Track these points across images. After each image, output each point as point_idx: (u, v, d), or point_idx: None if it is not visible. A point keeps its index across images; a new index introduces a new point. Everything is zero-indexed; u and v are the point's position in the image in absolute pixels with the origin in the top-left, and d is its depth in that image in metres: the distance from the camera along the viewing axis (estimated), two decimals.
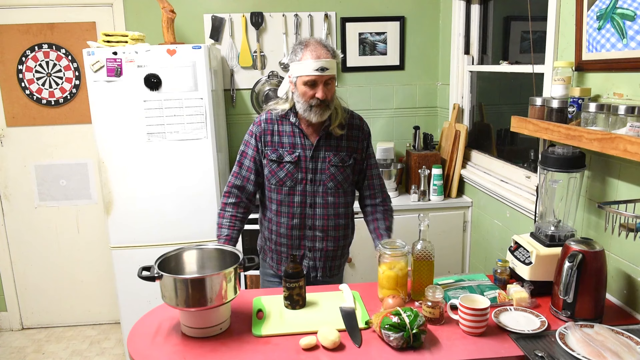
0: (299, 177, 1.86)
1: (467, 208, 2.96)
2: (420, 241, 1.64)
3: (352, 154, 1.91)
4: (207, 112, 2.67)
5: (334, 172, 1.88)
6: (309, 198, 1.88)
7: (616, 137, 1.38)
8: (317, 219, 1.89)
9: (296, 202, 1.88)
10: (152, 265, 1.49)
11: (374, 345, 1.41)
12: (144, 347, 1.45)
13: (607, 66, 1.61)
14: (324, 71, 1.72)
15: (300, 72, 1.75)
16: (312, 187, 1.87)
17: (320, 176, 1.87)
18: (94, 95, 2.63)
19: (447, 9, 3.16)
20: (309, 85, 1.75)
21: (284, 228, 1.91)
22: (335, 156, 1.87)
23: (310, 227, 1.90)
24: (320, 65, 1.71)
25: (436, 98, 3.41)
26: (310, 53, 1.73)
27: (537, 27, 2.13)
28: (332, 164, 1.87)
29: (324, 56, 1.73)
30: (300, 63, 1.74)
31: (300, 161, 1.86)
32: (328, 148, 1.87)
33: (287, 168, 1.86)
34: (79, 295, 3.50)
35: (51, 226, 3.40)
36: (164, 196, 2.75)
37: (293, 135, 1.87)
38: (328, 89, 1.76)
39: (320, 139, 1.86)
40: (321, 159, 1.87)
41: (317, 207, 1.89)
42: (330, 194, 1.89)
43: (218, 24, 3.17)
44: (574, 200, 1.70)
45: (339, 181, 1.89)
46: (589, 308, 1.47)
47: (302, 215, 1.89)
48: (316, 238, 1.91)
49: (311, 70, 1.72)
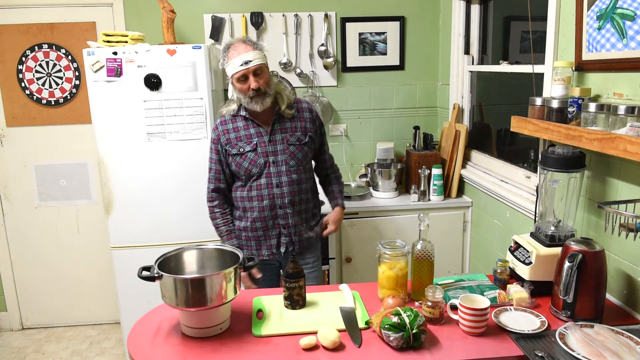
0: (261, 162, 2.02)
1: (467, 208, 2.96)
2: (420, 241, 1.64)
3: (307, 132, 2.09)
4: (207, 112, 2.67)
5: (294, 150, 2.05)
6: (274, 179, 2.03)
7: (616, 137, 1.38)
8: (285, 197, 2.04)
9: (263, 185, 2.03)
10: (152, 265, 1.49)
11: (374, 345, 1.41)
12: (144, 347, 1.45)
13: (607, 66, 1.61)
14: (248, 63, 1.90)
15: (231, 72, 1.94)
16: (276, 168, 2.03)
17: (282, 157, 2.03)
18: (94, 95, 2.63)
19: (447, 9, 3.16)
20: (241, 80, 1.93)
21: (256, 212, 2.05)
22: (291, 136, 2.05)
23: (281, 205, 2.05)
24: (243, 59, 1.90)
25: (436, 98, 3.41)
26: (232, 52, 1.93)
27: (537, 27, 2.13)
28: (290, 143, 2.04)
29: (245, 50, 1.91)
30: (228, 64, 1.94)
31: (259, 147, 2.02)
32: (283, 130, 2.05)
33: (249, 157, 2.02)
34: (79, 295, 3.50)
35: (51, 226, 3.40)
36: (164, 196, 2.75)
37: (247, 128, 2.05)
38: (259, 77, 1.93)
39: (274, 123, 2.04)
40: (279, 141, 2.04)
41: (284, 186, 2.04)
42: (293, 171, 2.05)
43: (218, 24, 3.17)
44: (574, 200, 1.70)
45: (299, 159, 2.05)
46: (589, 308, 1.47)
47: (271, 195, 2.03)
48: (287, 215, 2.06)
49: (237, 67, 1.90)
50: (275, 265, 2.18)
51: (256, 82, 1.91)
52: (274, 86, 2.02)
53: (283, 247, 2.10)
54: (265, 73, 1.96)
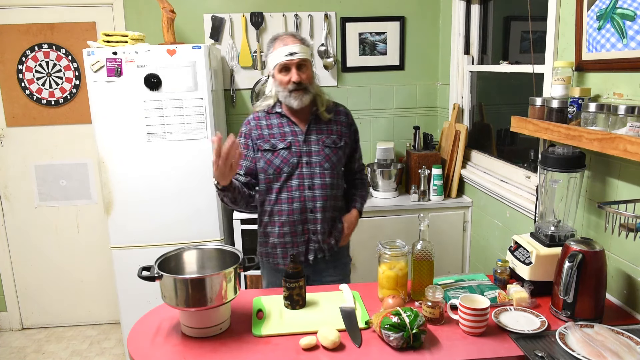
0: (294, 161, 1.93)
1: (467, 208, 2.96)
2: (420, 241, 1.64)
3: (342, 136, 2.02)
4: (207, 112, 2.67)
5: (329, 153, 1.96)
6: (306, 180, 1.94)
7: (616, 137, 1.38)
8: (317, 200, 1.94)
9: (294, 186, 1.93)
10: (152, 265, 1.49)
11: (374, 345, 1.41)
12: (144, 347, 1.45)
13: (607, 66, 1.61)
14: (294, 55, 1.84)
15: (274, 62, 1.88)
16: (309, 169, 1.94)
17: (316, 158, 1.95)
18: (94, 95, 2.63)
19: (447, 9, 3.16)
20: (283, 71, 1.87)
21: (285, 215, 1.94)
22: (327, 138, 1.97)
23: (312, 209, 1.95)
24: (289, 50, 1.84)
25: (436, 98, 3.41)
26: (279, 42, 1.88)
27: (537, 27, 2.13)
28: (325, 144, 1.96)
29: (292, 42, 1.86)
30: (272, 54, 1.89)
31: (293, 146, 1.93)
32: (319, 131, 1.97)
33: (281, 155, 1.93)
34: (79, 295, 3.50)
35: (51, 226, 3.40)
36: (164, 196, 2.75)
37: (282, 126, 1.97)
38: (302, 72, 1.87)
39: (310, 123, 1.97)
40: (314, 142, 1.96)
41: (316, 189, 1.94)
42: (327, 174, 1.96)
43: (218, 24, 3.17)
44: (574, 200, 1.70)
45: (333, 162, 1.97)
46: (589, 308, 1.47)
47: (302, 198, 1.94)
48: (318, 220, 1.96)
49: (282, 57, 1.85)
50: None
51: (298, 76, 1.84)
52: (315, 86, 1.95)
53: (312, 254, 1.99)
54: (309, 69, 1.90)
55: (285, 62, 1.85)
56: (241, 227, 2.89)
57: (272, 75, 1.93)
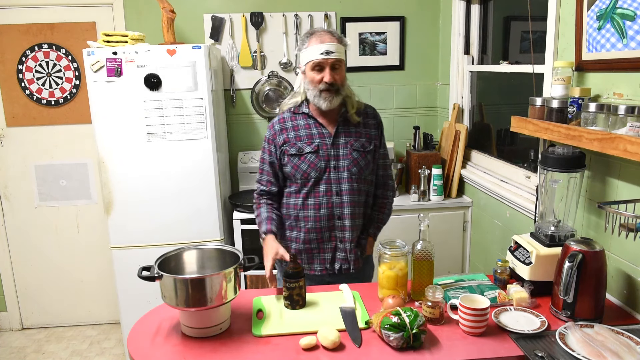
0: (322, 165, 1.84)
1: (467, 208, 2.96)
2: (420, 241, 1.64)
3: (371, 140, 1.91)
4: (207, 112, 2.67)
5: (357, 157, 1.86)
6: (334, 186, 1.85)
7: (616, 137, 1.38)
8: (345, 207, 1.86)
9: (322, 192, 1.85)
10: (152, 265, 1.49)
11: (374, 345, 1.41)
12: (144, 347, 1.45)
13: (607, 66, 1.61)
14: (330, 54, 1.74)
15: (308, 58, 1.78)
16: (337, 174, 1.85)
17: (344, 162, 1.85)
18: (94, 95, 2.63)
19: (447, 9, 3.16)
20: (316, 69, 1.77)
21: (312, 221, 1.87)
22: (356, 141, 1.87)
23: (340, 216, 1.87)
24: (325, 48, 1.74)
25: (436, 98, 3.41)
26: (316, 39, 1.77)
27: (537, 27, 2.13)
28: (354, 148, 1.86)
29: (329, 40, 1.76)
30: (307, 50, 1.78)
31: (320, 150, 1.84)
32: (348, 134, 1.87)
33: (308, 159, 1.84)
34: (79, 295, 3.50)
35: (51, 226, 3.40)
36: (164, 196, 2.75)
37: (309, 127, 1.87)
38: (336, 72, 1.77)
39: (339, 126, 1.87)
40: (342, 145, 1.86)
41: (344, 194, 1.86)
42: (354, 179, 1.86)
43: (218, 24, 3.17)
44: (574, 200, 1.70)
45: (361, 167, 1.87)
46: (589, 308, 1.47)
47: (330, 204, 1.86)
48: (345, 228, 1.88)
49: (317, 54, 1.75)
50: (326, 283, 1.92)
51: (331, 76, 1.75)
52: (347, 87, 1.86)
53: (338, 263, 1.91)
54: (343, 70, 1.81)
55: (320, 60, 1.75)
56: (241, 227, 2.89)
57: (303, 71, 1.83)
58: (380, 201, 2.01)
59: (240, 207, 2.93)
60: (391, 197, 2.04)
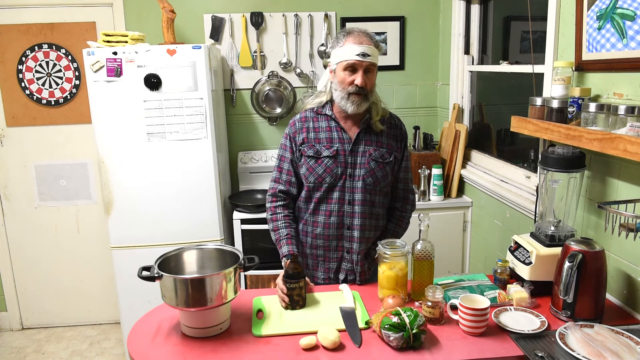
0: (338, 172, 1.78)
1: (467, 208, 2.96)
2: (420, 241, 1.64)
3: (392, 151, 1.84)
4: (207, 112, 2.67)
5: (374, 167, 1.80)
6: (347, 194, 1.80)
7: (616, 137, 1.38)
8: (355, 217, 1.80)
9: (334, 199, 1.80)
10: (152, 265, 1.49)
11: (374, 345, 1.41)
12: (144, 347, 1.45)
13: (607, 66, 1.61)
14: (365, 57, 1.68)
15: (341, 58, 1.71)
16: (351, 182, 1.79)
17: (360, 171, 1.79)
18: (94, 95, 2.63)
19: (447, 9, 3.16)
20: (349, 70, 1.71)
21: (320, 227, 1.82)
22: (375, 151, 1.80)
23: (349, 226, 1.82)
24: (362, 50, 1.68)
25: (436, 98, 3.41)
26: (352, 39, 1.71)
27: (537, 27, 2.13)
28: (372, 158, 1.80)
29: (367, 43, 1.70)
30: (341, 48, 1.71)
31: (339, 155, 1.79)
32: (368, 142, 1.81)
33: (325, 163, 1.79)
34: (79, 295, 3.50)
35: (51, 226, 3.40)
36: (164, 196, 2.75)
37: (330, 130, 1.82)
38: (368, 77, 1.72)
39: (360, 132, 1.81)
40: (361, 153, 1.80)
41: (356, 205, 1.80)
42: (368, 190, 1.80)
43: (218, 24, 3.17)
44: (574, 200, 1.70)
45: (377, 178, 1.80)
46: (589, 308, 1.47)
47: (340, 212, 1.80)
48: (354, 239, 1.82)
49: (352, 55, 1.69)
50: None
51: (363, 80, 1.69)
52: (375, 94, 1.81)
53: (342, 274, 1.86)
54: (375, 76, 1.76)
55: (355, 62, 1.68)
56: (241, 227, 2.89)
57: (333, 70, 1.77)
58: (398, 214, 1.94)
59: (240, 207, 2.93)
60: (410, 211, 1.97)
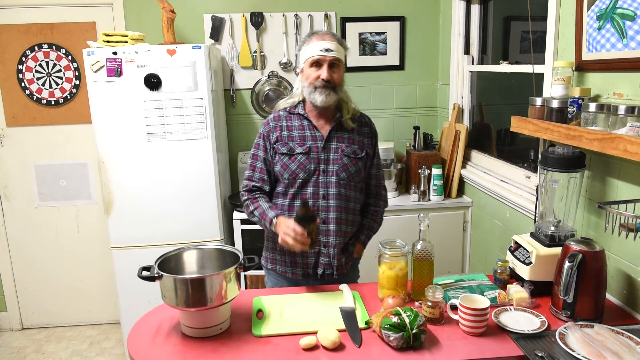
0: (311, 167, 1.84)
1: (467, 208, 2.96)
2: (420, 241, 1.64)
3: (364, 148, 1.92)
4: (207, 112, 2.67)
5: (347, 162, 1.86)
6: (321, 189, 1.85)
7: (616, 137, 1.38)
8: (330, 211, 1.86)
9: (309, 194, 1.85)
10: (152, 265, 1.49)
11: (374, 345, 1.41)
12: (144, 347, 1.45)
13: (607, 66, 1.61)
14: (329, 52, 1.78)
15: (307, 55, 1.81)
16: (325, 177, 1.85)
17: (333, 167, 1.85)
18: (94, 95, 2.63)
19: (447, 9, 3.16)
20: (315, 66, 1.80)
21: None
22: (347, 147, 1.88)
23: (325, 220, 1.86)
24: (325, 46, 1.78)
25: (436, 98, 3.41)
26: (316, 37, 1.82)
27: (537, 27, 2.13)
28: (345, 154, 1.86)
29: (329, 39, 1.80)
30: (307, 47, 1.82)
31: (311, 152, 1.85)
32: (340, 139, 1.88)
33: (298, 160, 1.84)
34: (79, 295, 3.50)
35: (51, 226, 3.40)
36: (164, 196, 2.75)
37: (303, 129, 1.88)
38: (333, 71, 1.80)
39: (332, 130, 1.88)
40: (333, 150, 1.87)
41: (331, 199, 1.85)
42: (342, 185, 1.86)
43: (218, 24, 3.17)
44: (574, 200, 1.70)
45: (351, 173, 1.87)
46: (589, 308, 1.47)
47: (316, 207, 1.85)
48: (330, 232, 1.87)
49: (317, 51, 1.78)
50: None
51: (328, 74, 1.78)
52: (343, 91, 1.89)
53: (321, 268, 1.89)
54: (341, 71, 1.84)
55: (319, 57, 1.78)
56: (241, 227, 2.89)
57: (302, 70, 1.86)
58: (372, 209, 2.02)
59: (240, 207, 2.93)
60: (383, 206, 2.05)
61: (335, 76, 1.80)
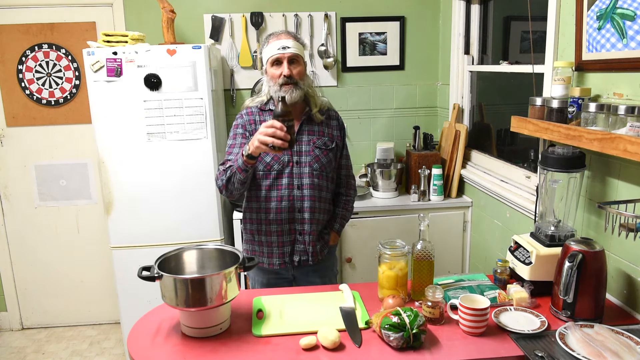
0: (285, 159, 1.93)
1: (467, 208, 2.96)
2: (420, 241, 1.64)
3: (333, 139, 2.02)
4: (207, 112, 2.67)
5: (319, 154, 1.97)
6: (296, 180, 1.94)
7: (616, 137, 1.38)
8: (305, 200, 1.95)
9: (284, 184, 1.94)
10: (152, 265, 1.49)
11: (374, 345, 1.41)
12: (144, 347, 1.45)
13: (607, 66, 1.61)
14: (286, 49, 1.86)
15: (267, 55, 1.90)
16: (299, 168, 1.95)
17: (306, 158, 1.95)
18: (94, 95, 2.63)
19: (447, 9, 3.16)
20: (275, 64, 1.89)
21: (273, 213, 1.95)
22: (318, 139, 1.98)
23: (300, 209, 1.96)
24: (282, 44, 1.87)
25: (436, 98, 3.41)
26: (274, 38, 1.91)
27: (537, 27, 2.13)
28: (316, 145, 1.97)
29: (285, 37, 1.89)
30: (266, 48, 1.91)
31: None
32: (311, 132, 1.98)
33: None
34: (79, 295, 3.50)
35: (51, 226, 3.40)
36: (164, 196, 2.75)
37: None
38: (293, 67, 1.88)
39: (303, 123, 1.98)
40: (305, 142, 1.96)
41: (305, 189, 1.95)
42: (315, 175, 1.96)
43: (218, 24, 3.17)
44: (574, 200, 1.70)
45: (323, 163, 1.97)
46: (589, 308, 1.47)
47: (291, 197, 1.94)
48: (305, 221, 1.97)
49: (275, 50, 1.87)
50: (287, 279, 2.06)
51: (289, 70, 1.86)
52: (308, 84, 1.96)
53: (297, 256, 1.99)
54: (301, 65, 1.91)
55: (278, 55, 1.86)
56: (241, 227, 2.88)
57: (265, 70, 1.94)
58: (343, 198, 2.14)
59: (240, 207, 2.93)
60: (353, 195, 2.18)
61: (295, 71, 1.88)
